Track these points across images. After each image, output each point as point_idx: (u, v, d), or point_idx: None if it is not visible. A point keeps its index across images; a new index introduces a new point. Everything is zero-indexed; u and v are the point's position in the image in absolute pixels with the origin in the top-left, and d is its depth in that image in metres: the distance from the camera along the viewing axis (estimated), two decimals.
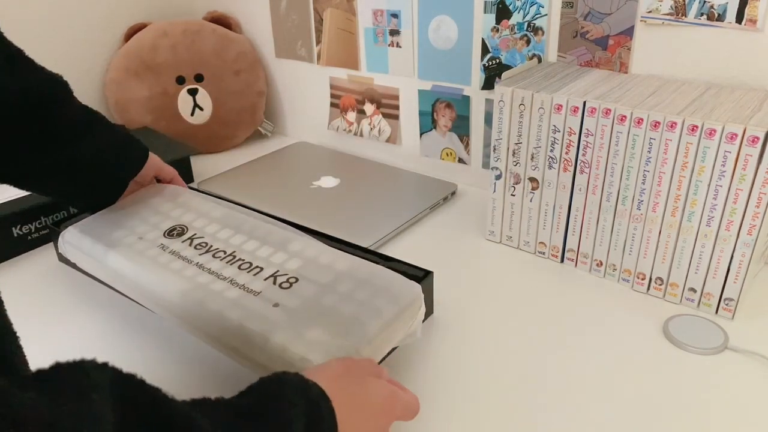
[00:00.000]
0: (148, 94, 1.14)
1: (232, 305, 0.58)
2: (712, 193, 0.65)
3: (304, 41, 1.14)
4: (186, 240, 0.68)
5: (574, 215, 0.76)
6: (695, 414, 0.57)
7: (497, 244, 0.85)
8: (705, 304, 0.70)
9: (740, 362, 0.63)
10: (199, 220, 0.71)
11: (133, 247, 0.67)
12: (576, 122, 0.71)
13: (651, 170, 0.68)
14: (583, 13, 0.83)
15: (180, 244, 0.67)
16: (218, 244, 0.67)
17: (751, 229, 0.64)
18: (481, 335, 0.68)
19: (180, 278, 0.62)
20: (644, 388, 0.60)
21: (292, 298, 0.58)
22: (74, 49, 1.14)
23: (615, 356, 0.64)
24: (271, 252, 0.65)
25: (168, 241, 0.68)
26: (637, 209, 0.71)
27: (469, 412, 0.58)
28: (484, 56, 0.93)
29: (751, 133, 0.61)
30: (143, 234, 0.69)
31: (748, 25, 0.72)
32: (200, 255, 0.65)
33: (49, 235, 0.86)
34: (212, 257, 0.65)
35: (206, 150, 1.19)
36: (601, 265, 0.77)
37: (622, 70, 0.83)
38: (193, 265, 0.64)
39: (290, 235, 0.68)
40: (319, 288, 0.60)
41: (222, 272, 0.62)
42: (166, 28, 1.15)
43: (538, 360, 0.64)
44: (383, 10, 1.01)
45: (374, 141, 1.13)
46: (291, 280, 0.61)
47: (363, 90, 1.10)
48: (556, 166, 0.75)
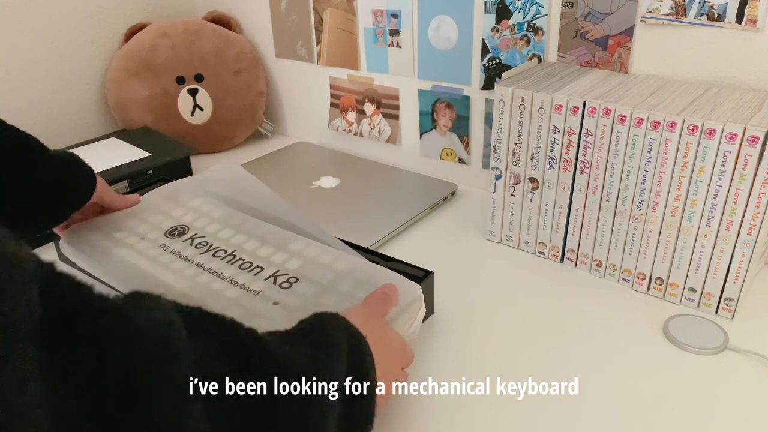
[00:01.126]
0: (148, 94, 1.14)
1: (232, 304, 0.58)
2: (712, 193, 0.65)
3: (304, 41, 1.14)
4: (187, 240, 0.68)
5: (574, 215, 0.76)
6: (695, 414, 0.57)
7: (497, 244, 0.85)
8: (705, 304, 0.70)
9: (740, 362, 0.63)
10: (200, 219, 0.71)
11: (135, 248, 0.67)
12: (576, 122, 0.71)
13: (651, 170, 0.68)
14: (583, 13, 0.83)
15: (181, 244, 0.67)
16: (219, 244, 0.67)
17: (751, 229, 0.64)
18: (481, 335, 0.68)
19: (181, 278, 0.62)
20: (644, 388, 0.60)
21: (292, 298, 0.59)
22: (74, 49, 1.14)
23: (615, 356, 0.64)
24: (271, 252, 0.65)
25: (169, 240, 0.68)
26: (637, 209, 0.71)
27: (469, 411, 0.58)
28: (484, 56, 0.93)
29: (751, 133, 0.61)
30: (144, 234, 0.70)
31: (748, 25, 0.72)
32: (201, 255, 0.65)
33: (49, 235, 0.86)
34: (212, 257, 0.65)
35: (206, 150, 1.19)
36: (601, 265, 0.77)
37: (622, 70, 0.83)
38: (193, 265, 0.64)
39: (290, 235, 0.68)
40: (319, 288, 0.60)
41: (222, 272, 0.62)
42: (166, 28, 1.15)
43: (538, 360, 0.64)
44: (383, 10, 1.01)
45: (374, 141, 1.13)
46: (291, 280, 0.61)
47: (363, 90, 1.10)
48: (556, 166, 0.75)
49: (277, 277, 0.61)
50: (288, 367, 0.39)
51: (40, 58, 0.67)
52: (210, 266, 0.63)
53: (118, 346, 0.30)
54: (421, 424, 0.57)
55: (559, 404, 0.58)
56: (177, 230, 0.69)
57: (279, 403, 0.37)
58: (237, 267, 0.63)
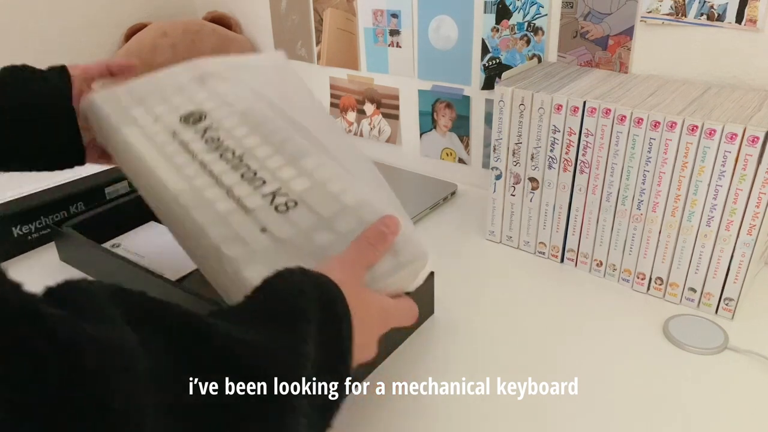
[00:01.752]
0: None
1: (217, 221, 0.53)
2: (712, 193, 0.65)
3: (304, 41, 1.14)
4: (200, 130, 0.62)
5: (574, 215, 0.76)
6: (695, 414, 0.57)
7: (497, 244, 0.85)
8: (705, 304, 0.70)
9: (740, 362, 0.63)
10: (221, 109, 0.65)
11: (145, 130, 0.62)
12: (576, 122, 0.71)
13: (651, 170, 0.68)
14: (583, 13, 0.83)
15: (192, 134, 0.62)
16: (230, 143, 0.61)
17: (751, 229, 0.64)
18: (480, 335, 0.68)
19: (178, 177, 0.58)
20: (644, 388, 0.60)
21: (283, 226, 0.53)
22: (74, 49, 1.14)
23: (615, 356, 0.64)
24: (281, 164, 0.59)
25: (182, 127, 0.62)
26: (637, 209, 0.71)
27: (469, 411, 0.58)
28: (484, 56, 0.93)
29: (751, 133, 0.61)
30: (160, 115, 0.64)
31: (748, 25, 0.72)
32: (207, 152, 0.60)
33: (49, 235, 0.86)
34: (219, 157, 0.59)
35: None
36: (601, 265, 0.77)
37: (622, 70, 0.83)
38: (196, 163, 0.59)
39: (307, 149, 0.61)
40: (316, 220, 0.54)
41: (222, 177, 0.57)
42: (166, 28, 1.15)
43: (538, 360, 0.64)
44: (383, 10, 1.01)
45: (374, 141, 1.13)
46: (289, 204, 0.55)
47: (363, 90, 1.10)
48: (556, 166, 0.75)
49: (277, 196, 0.56)
50: (245, 365, 0.35)
51: (40, 58, 0.67)
52: (212, 168, 0.58)
53: (63, 356, 0.27)
54: (421, 423, 0.57)
55: (559, 404, 0.58)
56: (193, 116, 0.64)
57: (234, 405, 0.34)
58: (239, 175, 0.57)
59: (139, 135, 0.62)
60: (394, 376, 0.61)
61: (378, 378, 0.61)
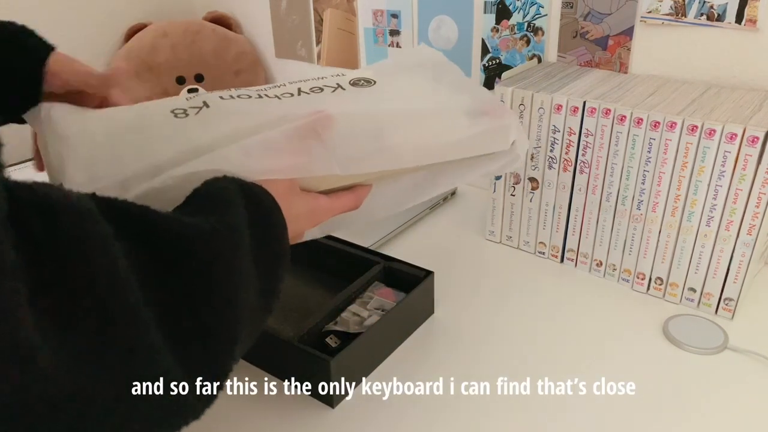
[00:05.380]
0: (149, 95, 1.14)
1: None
2: (712, 193, 0.65)
3: (304, 41, 1.14)
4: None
5: (574, 215, 0.76)
6: (695, 414, 0.57)
7: (497, 244, 0.85)
8: (705, 304, 0.70)
9: (740, 362, 0.63)
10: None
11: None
12: (576, 122, 0.71)
13: (651, 170, 0.68)
14: (583, 13, 0.83)
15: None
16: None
17: (751, 229, 0.64)
18: (481, 335, 0.68)
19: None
20: (644, 388, 0.60)
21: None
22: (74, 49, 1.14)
23: (615, 356, 0.64)
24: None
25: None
26: (637, 209, 0.71)
27: (469, 411, 0.58)
28: (484, 56, 0.93)
29: (751, 133, 0.61)
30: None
31: (748, 25, 0.72)
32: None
33: None
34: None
35: None
36: (600, 265, 0.77)
37: (622, 70, 0.83)
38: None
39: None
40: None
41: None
42: (166, 28, 1.15)
43: (538, 360, 0.64)
44: (383, 10, 1.01)
45: None
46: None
47: None
48: (555, 166, 0.75)
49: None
50: (188, 233, 0.37)
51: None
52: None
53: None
54: (421, 424, 0.57)
55: (560, 404, 0.58)
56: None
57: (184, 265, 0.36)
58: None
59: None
60: (394, 376, 0.61)
61: (378, 378, 0.61)
